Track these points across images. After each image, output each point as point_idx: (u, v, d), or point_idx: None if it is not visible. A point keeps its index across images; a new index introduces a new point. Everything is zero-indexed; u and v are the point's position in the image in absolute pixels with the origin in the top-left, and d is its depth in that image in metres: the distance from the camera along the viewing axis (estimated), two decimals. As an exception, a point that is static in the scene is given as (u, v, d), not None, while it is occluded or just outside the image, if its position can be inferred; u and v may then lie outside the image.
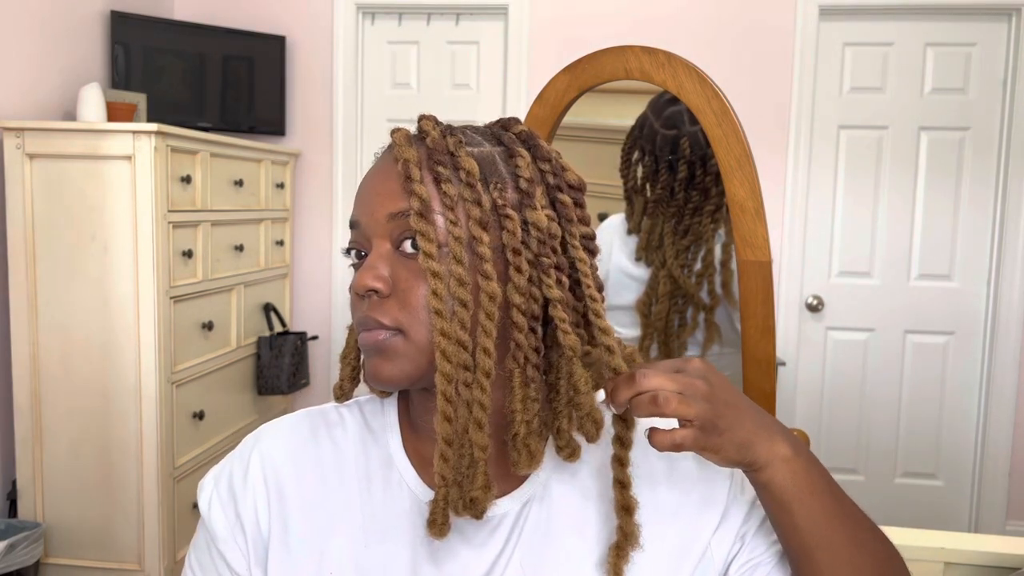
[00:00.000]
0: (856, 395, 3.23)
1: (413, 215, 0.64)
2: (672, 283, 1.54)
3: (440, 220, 0.65)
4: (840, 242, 3.19)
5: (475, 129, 0.73)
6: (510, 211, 0.66)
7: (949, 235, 3.14)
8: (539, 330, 0.67)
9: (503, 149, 0.70)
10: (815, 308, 3.19)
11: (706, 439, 0.63)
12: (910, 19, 3.09)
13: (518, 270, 0.65)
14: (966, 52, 3.08)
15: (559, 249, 0.68)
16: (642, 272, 1.59)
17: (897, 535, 1.32)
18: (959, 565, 1.27)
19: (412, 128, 0.72)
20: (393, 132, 0.70)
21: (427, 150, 0.67)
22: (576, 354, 0.66)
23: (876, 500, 3.22)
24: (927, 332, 3.18)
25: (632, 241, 1.59)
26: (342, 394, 0.75)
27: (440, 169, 0.66)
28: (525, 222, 0.67)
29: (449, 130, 0.69)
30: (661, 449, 0.63)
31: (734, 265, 1.50)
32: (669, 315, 1.56)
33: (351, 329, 0.75)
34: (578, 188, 0.71)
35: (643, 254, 1.58)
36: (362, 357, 0.75)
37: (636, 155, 1.57)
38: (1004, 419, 3.13)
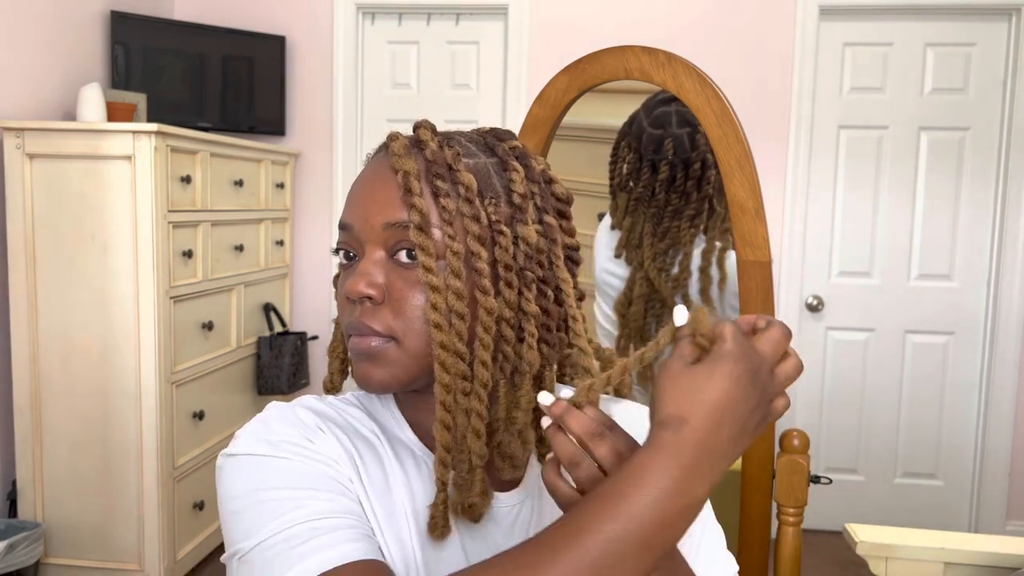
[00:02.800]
0: (856, 395, 3.23)
1: (413, 229, 0.65)
2: (648, 285, 1.54)
3: (438, 234, 0.66)
4: (840, 242, 3.19)
5: (468, 137, 0.73)
6: (503, 227, 0.67)
7: (949, 235, 3.14)
8: (525, 341, 0.68)
9: (496, 160, 0.71)
10: (815, 308, 3.19)
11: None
12: (910, 19, 3.09)
13: (509, 285, 0.67)
14: (966, 52, 3.08)
15: (544, 263, 0.69)
16: (621, 270, 1.59)
17: (897, 535, 1.32)
18: (959, 565, 1.27)
19: (407, 130, 0.72)
20: (390, 139, 0.69)
21: (425, 162, 0.68)
22: (532, 370, 0.68)
23: (876, 500, 3.23)
24: (927, 332, 3.18)
25: (614, 237, 1.59)
26: (333, 387, 0.76)
27: (439, 183, 0.66)
28: (516, 236, 0.68)
29: (447, 141, 0.70)
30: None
31: (714, 271, 1.50)
32: (645, 317, 1.56)
33: (338, 324, 0.75)
34: (566, 201, 0.73)
35: (623, 251, 1.58)
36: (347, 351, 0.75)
37: (623, 151, 1.57)
38: (1004, 419, 3.13)
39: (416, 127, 0.71)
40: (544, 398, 0.61)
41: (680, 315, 0.59)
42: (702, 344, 0.57)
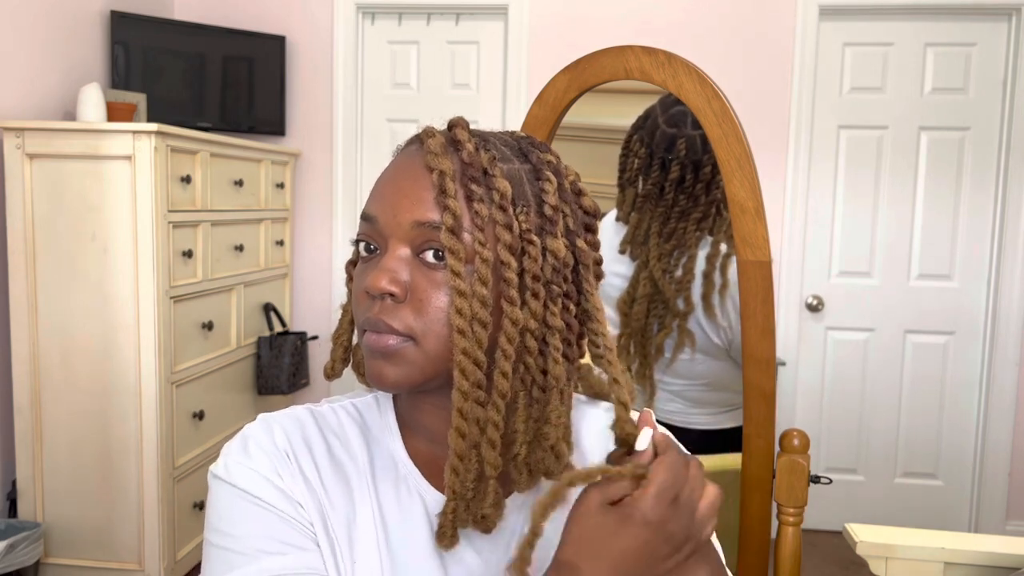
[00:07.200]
0: (856, 395, 3.23)
1: (444, 231, 0.63)
2: (652, 286, 1.54)
3: (468, 238, 0.64)
4: (840, 242, 3.19)
5: (502, 140, 0.72)
6: (534, 237, 0.66)
7: (949, 235, 3.14)
8: (547, 353, 0.67)
9: (530, 167, 0.70)
10: (815, 308, 3.19)
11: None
12: (910, 19, 3.09)
13: (535, 296, 0.66)
14: (966, 52, 3.08)
15: (569, 277, 0.68)
16: (625, 269, 1.58)
17: (897, 535, 1.32)
18: (959, 565, 1.27)
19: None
20: (426, 135, 0.68)
21: (461, 163, 0.66)
22: (559, 384, 0.66)
23: (876, 500, 3.23)
24: (927, 332, 3.18)
25: (618, 233, 1.59)
26: (333, 374, 0.75)
27: (474, 187, 0.65)
28: (544, 248, 0.67)
29: (483, 144, 0.68)
30: None
31: (717, 277, 1.50)
32: (648, 317, 1.56)
33: (345, 310, 0.75)
34: (593, 214, 0.72)
35: (627, 247, 1.57)
36: (353, 340, 0.75)
37: (635, 145, 1.56)
38: (1004, 419, 3.13)
39: (452, 125, 0.69)
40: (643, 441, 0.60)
41: (644, 439, 0.58)
42: (632, 478, 0.54)
